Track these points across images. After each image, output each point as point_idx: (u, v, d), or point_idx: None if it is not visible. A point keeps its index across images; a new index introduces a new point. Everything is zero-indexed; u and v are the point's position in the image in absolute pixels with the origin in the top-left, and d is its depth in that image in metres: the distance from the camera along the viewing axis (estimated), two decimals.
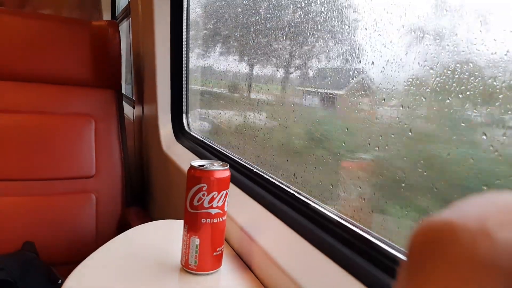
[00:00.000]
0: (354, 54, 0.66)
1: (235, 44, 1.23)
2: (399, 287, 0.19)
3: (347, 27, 0.68)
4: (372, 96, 0.63)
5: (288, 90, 0.94)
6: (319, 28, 0.76)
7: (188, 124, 1.40)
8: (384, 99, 0.59)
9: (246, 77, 1.14)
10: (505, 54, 0.40)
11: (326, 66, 0.76)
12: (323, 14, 0.73)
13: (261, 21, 1.00)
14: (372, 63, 0.61)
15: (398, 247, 0.49)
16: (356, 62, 0.65)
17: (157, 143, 1.37)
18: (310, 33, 0.79)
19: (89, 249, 0.71)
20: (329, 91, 0.75)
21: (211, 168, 0.61)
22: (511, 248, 0.16)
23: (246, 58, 1.13)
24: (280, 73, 0.95)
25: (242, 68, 1.18)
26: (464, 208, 0.19)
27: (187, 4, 1.33)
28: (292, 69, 0.91)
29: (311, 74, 0.84)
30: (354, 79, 0.66)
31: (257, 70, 1.08)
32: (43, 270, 1.12)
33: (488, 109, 0.43)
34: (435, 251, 0.18)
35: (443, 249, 0.18)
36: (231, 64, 1.26)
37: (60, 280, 1.12)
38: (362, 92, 0.65)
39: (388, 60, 0.57)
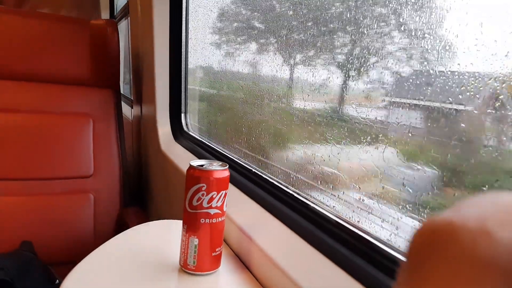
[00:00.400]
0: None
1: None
2: (399, 287, 0.19)
3: None
4: None
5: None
6: None
7: (186, 124, 1.39)
8: None
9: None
10: None
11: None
12: None
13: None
14: None
15: (397, 247, 0.49)
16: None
17: (155, 143, 1.37)
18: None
19: (87, 249, 0.70)
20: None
21: (210, 168, 0.61)
22: (511, 248, 0.16)
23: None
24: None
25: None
26: (464, 208, 0.19)
27: (186, 4, 1.33)
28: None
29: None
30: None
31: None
32: (41, 270, 1.12)
33: None
34: (436, 252, 0.18)
35: (444, 249, 0.18)
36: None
37: (58, 280, 1.12)
38: None
39: None
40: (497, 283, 0.16)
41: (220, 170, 0.62)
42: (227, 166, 0.63)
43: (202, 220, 0.61)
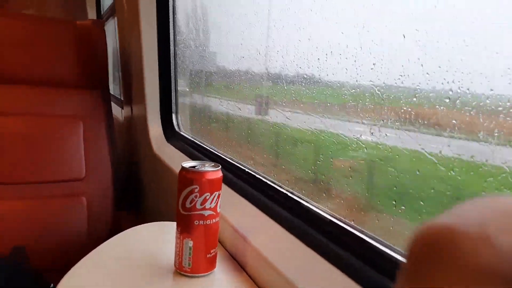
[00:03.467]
0: None
1: None
2: None
3: None
4: None
5: None
6: None
7: (178, 124, 1.38)
8: None
9: None
10: None
11: None
12: None
13: None
14: None
15: (393, 246, 0.49)
16: None
17: (147, 144, 1.36)
18: None
19: (80, 253, 0.69)
20: None
21: (202, 169, 0.61)
22: None
23: None
24: None
25: None
26: (464, 212, 0.18)
27: (173, 2, 1.31)
28: None
29: None
30: None
31: None
32: (33, 276, 1.10)
33: None
34: (435, 256, 0.18)
35: (443, 254, 0.17)
36: None
37: (52, 285, 1.11)
38: None
39: None
40: None
41: (212, 171, 0.61)
42: (220, 167, 0.63)
43: (196, 222, 0.60)
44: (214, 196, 0.61)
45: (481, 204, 0.19)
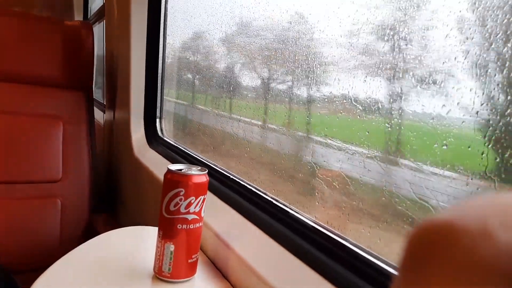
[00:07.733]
0: None
1: None
2: None
3: None
4: None
5: None
6: None
7: (161, 129, 1.37)
8: None
9: None
10: None
11: None
12: None
13: None
14: None
15: (377, 254, 0.50)
16: None
17: (128, 148, 1.34)
18: None
19: (53, 256, 0.67)
20: None
21: (189, 172, 0.60)
22: None
23: None
24: None
25: None
26: (465, 208, 0.18)
27: (164, 9, 1.32)
28: None
29: None
30: None
31: None
32: (2, 278, 1.06)
33: None
34: (434, 253, 0.17)
35: (442, 251, 0.17)
36: None
37: None
38: None
39: None
40: (498, 287, 0.15)
41: (199, 175, 0.60)
42: (206, 171, 0.62)
43: (179, 226, 0.60)
44: (199, 200, 0.60)
45: (481, 200, 0.19)
